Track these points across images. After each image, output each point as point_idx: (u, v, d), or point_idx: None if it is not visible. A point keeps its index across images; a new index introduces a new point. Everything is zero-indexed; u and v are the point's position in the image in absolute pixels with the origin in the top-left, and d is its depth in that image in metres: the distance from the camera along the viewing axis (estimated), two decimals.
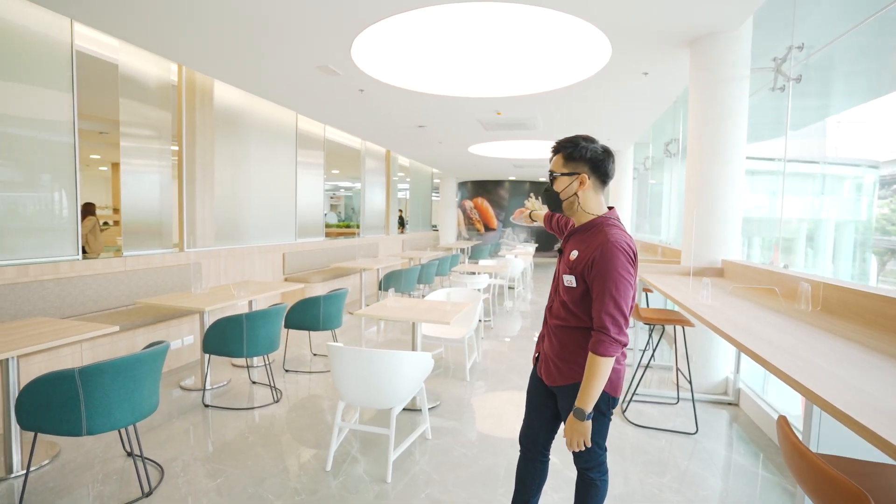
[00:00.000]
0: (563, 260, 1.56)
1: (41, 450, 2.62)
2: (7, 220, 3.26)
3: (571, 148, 1.52)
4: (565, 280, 1.52)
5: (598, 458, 1.62)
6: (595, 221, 1.53)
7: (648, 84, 4.71)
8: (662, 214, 7.17)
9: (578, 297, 1.49)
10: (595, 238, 1.47)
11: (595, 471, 1.63)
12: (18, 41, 3.26)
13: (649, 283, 3.14)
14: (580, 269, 1.47)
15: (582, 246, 1.50)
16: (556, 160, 1.55)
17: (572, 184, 1.52)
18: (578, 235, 1.56)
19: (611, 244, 1.41)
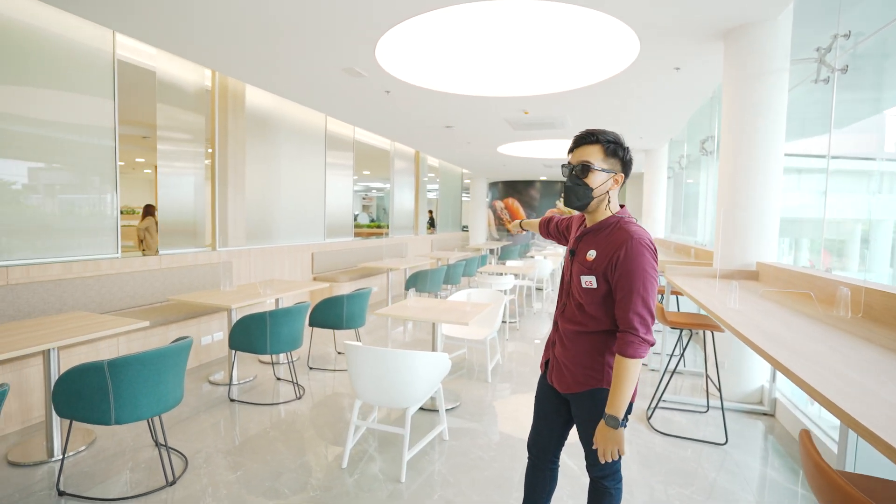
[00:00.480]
0: (578, 261, 1.48)
1: (79, 437, 2.76)
2: (53, 221, 3.48)
3: (616, 145, 1.43)
4: (583, 281, 1.44)
5: (614, 466, 1.56)
6: (611, 219, 1.46)
7: (681, 79, 4.53)
8: (699, 215, 6.89)
9: (600, 299, 1.42)
10: (615, 236, 1.41)
11: (610, 479, 1.57)
12: (66, 52, 3.47)
13: (677, 285, 3.01)
14: (602, 268, 1.40)
15: (601, 245, 1.43)
16: (593, 151, 1.42)
17: (608, 181, 1.43)
18: (593, 235, 1.48)
19: (635, 241, 1.36)
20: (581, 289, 1.46)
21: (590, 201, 1.44)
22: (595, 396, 1.47)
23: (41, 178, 3.45)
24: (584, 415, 1.52)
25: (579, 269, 1.47)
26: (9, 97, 3.21)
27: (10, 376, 2.86)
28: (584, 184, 1.42)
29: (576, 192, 1.43)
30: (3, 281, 3.10)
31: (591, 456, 1.53)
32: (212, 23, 3.42)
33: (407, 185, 9.75)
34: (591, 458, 1.54)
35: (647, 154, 8.81)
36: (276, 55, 4.05)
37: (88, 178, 3.69)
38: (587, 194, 1.43)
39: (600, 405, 1.44)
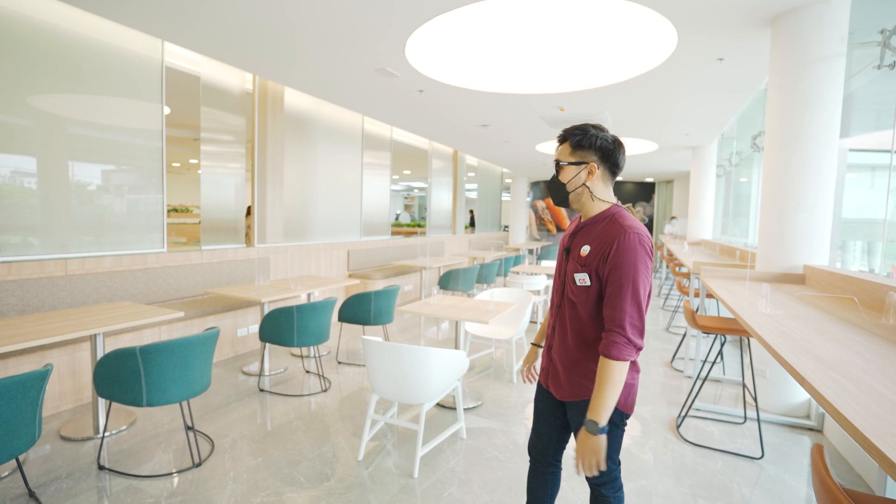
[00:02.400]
0: (573, 258, 1.43)
1: (122, 416, 2.97)
2: (107, 217, 3.75)
3: (580, 135, 1.41)
4: (577, 279, 1.39)
5: (612, 474, 1.49)
6: (606, 213, 1.42)
7: (725, 71, 4.28)
8: (750, 215, 6.50)
9: (594, 298, 1.37)
10: (609, 229, 1.36)
11: (608, 487, 1.51)
12: (121, 61, 3.74)
13: (710, 288, 2.85)
14: (594, 264, 1.35)
15: (594, 240, 1.38)
16: (563, 149, 1.45)
17: (580, 174, 1.42)
18: (587, 229, 1.44)
19: (628, 234, 1.31)
20: (575, 287, 1.41)
21: (567, 195, 1.45)
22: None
23: (96, 178, 3.74)
24: (578, 423, 1.45)
25: (573, 265, 1.42)
26: (72, 104, 3.49)
27: (64, 358, 3.12)
28: (558, 181, 1.45)
29: (553, 189, 1.48)
30: (62, 272, 3.38)
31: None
32: (252, 30, 3.58)
33: (445, 184, 9.78)
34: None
35: (693, 151, 8.39)
36: (310, 58, 4.18)
37: (139, 178, 3.96)
38: (562, 190, 1.45)
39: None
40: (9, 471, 2.34)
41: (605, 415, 1.28)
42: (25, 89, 3.23)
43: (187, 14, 3.34)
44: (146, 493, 2.21)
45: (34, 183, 3.34)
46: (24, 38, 3.19)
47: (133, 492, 2.22)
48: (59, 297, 3.32)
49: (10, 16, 3.12)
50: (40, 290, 3.22)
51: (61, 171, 3.49)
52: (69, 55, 3.44)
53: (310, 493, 2.23)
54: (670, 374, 4.09)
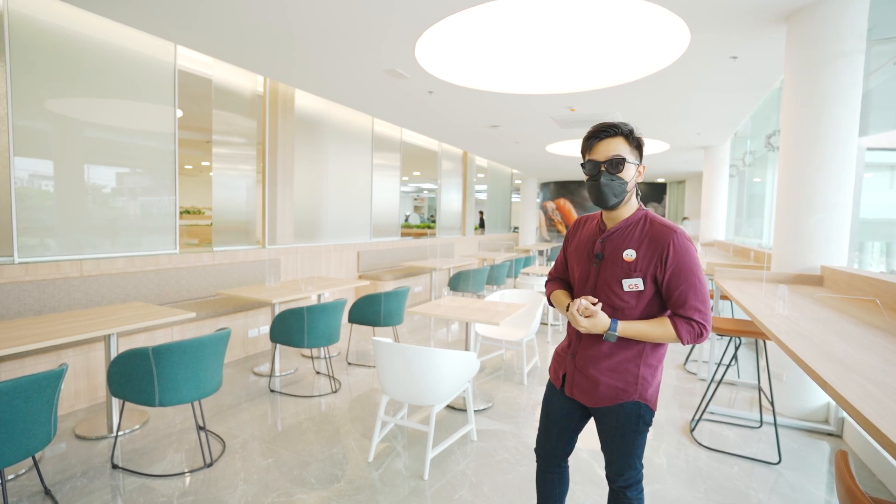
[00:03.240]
0: (613, 262, 1.38)
1: (135, 416, 3.00)
2: (121, 219, 3.80)
3: (635, 134, 1.38)
4: (626, 285, 1.35)
5: (637, 476, 1.50)
6: (638, 214, 1.41)
7: (739, 69, 4.22)
8: (765, 216, 6.39)
9: (646, 302, 1.36)
10: (654, 232, 1.35)
11: (632, 489, 1.50)
12: (134, 65, 3.79)
13: (725, 289, 2.80)
14: (650, 268, 1.34)
15: (638, 244, 1.36)
16: (619, 144, 1.35)
17: (635, 174, 1.38)
18: (621, 233, 1.40)
19: (678, 234, 1.33)
20: (622, 293, 1.37)
21: (625, 196, 1.37)
22: (625, 409, 1.42)
23: (110, 180, 3.79)
24: (610, 426, 1.46)
25: (616, 272, 1.37)
26: (88, 108, 3.55)
27: (79, 358, 3.16)
28: (619, 178, 1.35)
29: (613, 188, 1.35)
30: (78, 273, 3.42)
31: (614, 466, 1.49)
32: (263, 32, 3.60)
33: (454, 185, 9.78)
34: (615, 468, 1.49)
35: (706, 151, 8.28)
36: (321, 60, 4.20)
37: (152, 180, 4.00)
38: (623, 189, 1.36)
39: (631, 418, 1.41)
40: (25, 469, 2.37)
41: (627, 335, 1.35)
42: (43, 94, 3.29)
43: (200, 18, 3.38)
44: (158, 492, 2.23)
45: (51, 185, 3.39)
46: (42, 44, 3.25)
47: (146, 491, 2.23)
48: (74, 297, 3.36)
49: (29, 22, 3.17)
50: (56, 290, 3.27)
51: (77, 174, 3.54)
52: (85, 59, 3.49)
53: (320, 495, 2.22)
54: (683, 376, 4.03)
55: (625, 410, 1.41)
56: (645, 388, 1.41)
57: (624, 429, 1.43)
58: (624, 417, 1.41)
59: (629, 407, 1.41)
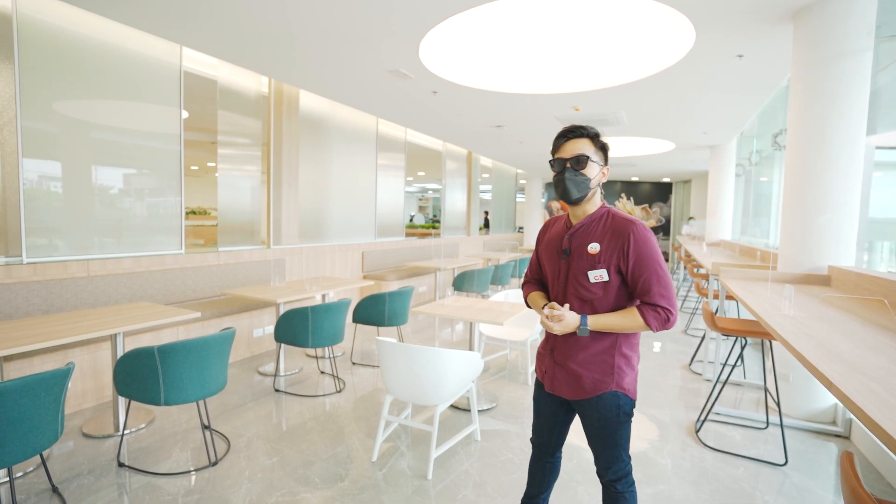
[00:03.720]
0: (579, 256, 1.47)
1: (141, 415, 3.02)
2: (127, 220, 3.83)
3: (600, 137, 1.48)
4: (592, 276, 1.44)
5: (625, 469, 1.54)
6: (601, 210, 1.51)
7: (745, 68, 4.18)
8: (771, 215, 6.34)
9: (613, 291, 1.44)
10: (615, 225, 1.45)
11: (622, 482, 1.54)
12: (141, 67, 3.82)
13: (730, 289, 2.78)
14: (613, 259, 1.42)
15: (600, 237, 1.45)
16: (584, 144, 1.46)
17: (598, 173, 1.48)
18: (585, 229, 1.49)
19: (637, 225, 1.42)
20: (589, 285, 1.45)
21: (588, 192, 1.46)
22: (604, 399, 1.48)
23: (117, 181, 3.82)
24: (594, 419, 1.51)
25: (582, 264, 1.46)
26: (95, 109, 3.58)
27: (86, 357, 3.19)
28: (583, 175, 1.45)
29: (577, 183, 1.45)
30: (85, 273, 3.45)
31: (601, 460, 1.55)
32: (268, 33, 3.62)
33: (459, 185, 9.77)
34: (602, 462, 1.55)
35: (712, 150, 8.23)
36: (325, 60, 4.21)
37: (158, 181, 4.03)
38: (587, 185, 1.45)
39: (611, 408, 1.46)
40: (33, 466, 2.39)
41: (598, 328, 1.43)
42: (51, 96, 3.32)
43: (204, 19, 3.39)
44: (164, 490, 2.24)
45: (59, 186, 3.42)
46: (49, 47, 3.28)
47: (151, 489, 2.25)
48: (81, 297, 3.39)
49: (37, 25, 3.20)
50: (64, 290, 3.30)
51: (84, 175, 3.57)
52: (92, 62, 3.52)
53: (324, 494, 2.23)
54: (689, 377, 4.01)
55: (604, 401, 1.47)
56: (622, 377, 1.48)
57: (605, 420, 1.48)
58: (604, 408, 1.47)
59: (608, 397, 1.47)
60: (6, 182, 3.13)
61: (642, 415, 3.20)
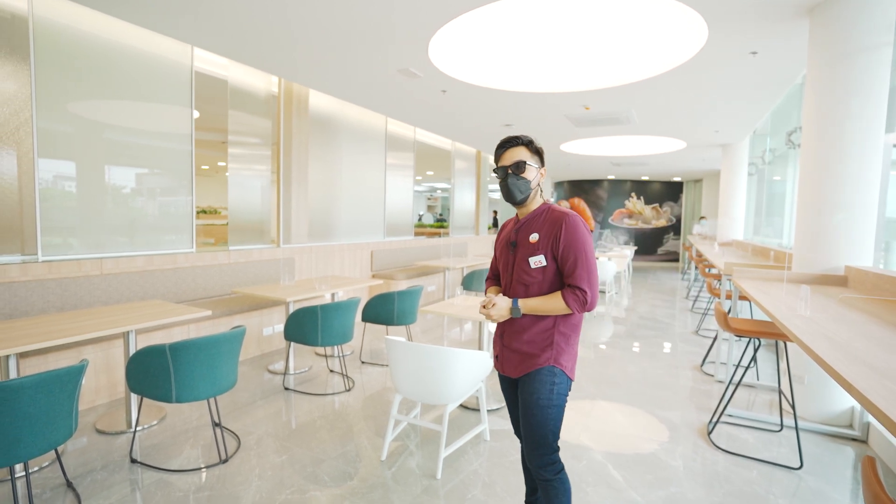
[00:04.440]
0: (523, 246, 1.64)
1: (153, 412, 3.05)
2: (139, 219, 3.87)
3: (534, 143, 1.65)
4: (532, 262, 1.60)
5: (552, 456, 1.60)
6: (542, 207, 1.67)
7: (759, 65, 4.13)
8: (785, 215, 6.25)
9: (550, 276, 1.59)
10: (551, 217, 1.61)
11: (549, 469, 1.59)
12: (153, 67, 3.85)
13: (743, 289, 2.74)
14: (547, 245, 1.58)
15: (539, 228, 1.62)
16: (521, 152, 1.63)
17: (537, 174, 1.66)
18: (528, 223, 1.66)
19: (571, 217, 1.57)
20: (530, 270, 1.61)
21: (530, 193, 1.64)
22: (541, 373, 1.59)
23: (130, 180, 3.86)
24: (528, 393, 1.60)
25: (525, 252, 1.63)
26: (108, 110, 3.62)
27: (99, 354, 3.22)
28: (523, 178, 1.62)
29: (518, 186, 1.62)
30: (98, 271, 3.50)
31: (529, 442, 1.61)
32: (278, 33, 3.64)
33: (468, 185, 9.76)
34: (529, 444, 1.61)
35: (724, 149, 8.13)
36: (335, 60, 4.22)
37: (170, 180, 4.07)
38: (528, 186, 1.63)
39: (546, 383, 1.58)
40: (48, 461, 2.43)
41: (529, 311, 1.59)
42: (66, 97, 3.36)
43: (216, 19, 3.42)
44: (175, 486, 2.26)
45: (73, 186, 3.47)
46: (64, 48, 3.32)
47: (163, 485, 2.27)
48: (94, 294, 3.43)
49: (52, 26, 3.25)
50: (78, 288, 3.34)
51: (98, 175, 3.61)
52: (105, 63, 3.57)
53: (333, 492, 2.23)
54: (700, 378, 3.96)
55: (540, 374, 1.59)
56: (559, 353, 1.60)
57: (538, 394, 1.57)
58: (539, 383, 1.59)
59: (544, 371, 1.59)
60: (22, 181, 3.17)
61: (652, 416, 3.17)
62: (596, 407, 3.32)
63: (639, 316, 6.59)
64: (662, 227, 14.57)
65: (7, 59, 3.07)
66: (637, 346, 4.97)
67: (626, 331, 5.68)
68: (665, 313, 6.84)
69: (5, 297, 2.97)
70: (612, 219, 14.72)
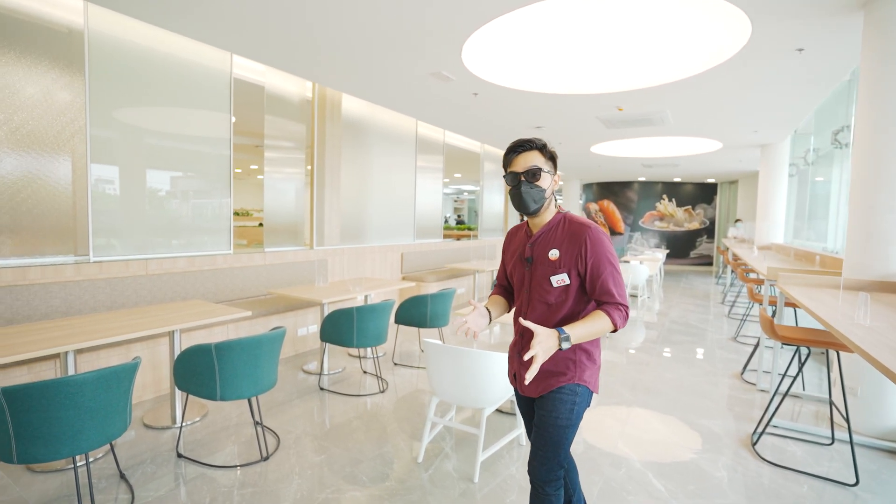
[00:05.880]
0: (542, 263, 1.52)
1: (196, 409, 3.15)
2: (181, 221, 4.01)
3: (548, 147, 1.52)
4: (554, 281, 1.49)
5: (557, 473, 1.54)
6: (557, 217, 1.55)
7: (805, 62, 3.97)
8: (830, 217, 5.99)
9: (574, 294, 1.50)
10: (571, 230, 1.50)
11: (552, 485, 1.53)
12: (194, 75, 3.99)
13: (791, 296, 2.64)
14: (571, 263, 1.47)
15: (559, 243, 1.51)
16: (535, 157, 1.50)
17: (551, 182, 1.53)
18: (545, 236, 1.54)
19: (594, 230, 1.47)
20: (551, 289, 1.50)
21: (544, 202, 1.51)
22: (563, 392, 1.50)
23: (175, 184, 4.00)
24: (546, 410, 1.51)
25: (545, 270, 1.51)
26: (150, 116, 3.77)
27: (146, 352, 3.35)
28: (537, 186, 1.49)
29: (532, 195, 1.49)
30: (144, 271, 3.63)
31: (539, 458, 1.53)
32: (315, 40, 3.71)
33: (496, 187, 9.73)
34: (538, 459, 1.53)
35: (762, 150, 7.86)
36: (368, 65, 4.28)
37: (209, 184, 4.20)
38: (542, 196, 1.50)
39: (567, 402, 1.49)
40: (102, 453, 2.53)
41: (577, 341, 1.40)
42: (112, 104, 3.51)
43: (255, 27, 3.51)
44: (219, 482, 2.32)
45: (120, 190, 3.62)
46: (113, 58, 3.48)
47: (208, 480, 2.34)
48: (140, 294, 3.57)
49: (104, 38, 3.40)
50: (125, 287, 3.48)
51: (142, 179, 3.76)
52: (149, 71, 3.71)
53: (372, 493, 2.26)
54: (740, 386, 3.83)
55: (561, 393, 1.50)
56: (583, 370, 1.52)
57: (558, 412, 1.49)
58: (560, 401, 1.50)
59: (566, 390, 1.50)
60: (76, 186, 3.33)
61: (692, 424, 3.08)
62: (632, 414, 3.25)
63: (671, 321, 6.43)
64: (695, 230, 14.17)
65: (64, 70, 3.23)
66: (672, 352, 4.84)
67: (660, 336, 5.55)
68: (699, 318, 6.65)
69: (61, 295, 3.12)
70: (642, 221, 14.42)
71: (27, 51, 3.05)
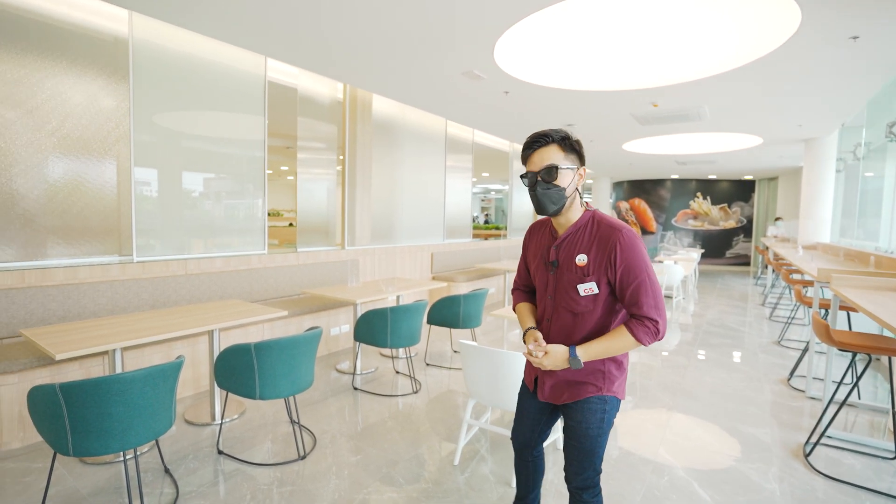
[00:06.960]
0: (567, 270, 1.42)
1: (234, 406, 3.21)
2: (218, 222, 4.10)
3: (569, 139, 1.39)
4: (581, 290, 1.40)
5: (595, 479, 1.50)
6: (585, 217, 1.44)
7: (859, 51, 3.75)
8: (882, 215, 5.66)
9: (603, 303, 1.40)
10: (601, 233, 1.39)
11: (590, 492, 1.50)
12: (229, 79, 4.08)
13: (848, 299, 2.49)
14: (602, 270, 1.37)
15: (587, 247, 1.40)
16: (553, 152, 1.37)
17: (574, 177, 1.40)
18: (572, 238, 1.43)
19: (623, 233, 1.36)
20: (578, 297, 1.41)
21: (564, 202, 1.39)
22: (591, 403, 1.46)
23: (211, 186, 4.10)
24: (576, 421, 1.47)
25: (571, 277, 1.41)
26: (187, 120, 3.87)
27: (187, 350, 3.44)
28: (555, 186, 1.37)
29: (550, 196, 1.38)
30: (183, 271, 3.73)
31: (574, 466, 1.50)
32: (348, 43, 3.74)
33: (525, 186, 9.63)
34: (574, 468, 1.51)
35: (807, 144, 7.50)
36: (399, 65, 4.28)
37: (244, 185, 4.29)
38: (562, 196, 1.38)
39: (597, 412, 1.44)
40: (148, 448, 2.61)
41: (590, 358, 1.38)
42: (152, 109, 3.62)
43: (290, 32, 3.56)
44: (259, 480, 2.35)
45: (160, 192, 3.73)
46: (155, 65, 3.58)
47: (248, 478, 2.37)
48: (180, 293, 3.67)
49: (147, 46, 3.51)
50: (166, 287, 3.58)
51: (178, 181, 3.86)
52: (187, 76, 3.81)
53: (409, 495, 2.24)
54: (787, 393, 3.65)
55: (590, 404, 1.45)
56: (612, 381, 1.46)
57: (588, 423, 1.45)
58: (589, 412, 1.45)
59: (594, 400, 1.45)
60: (121, 189, 3.45)
61: (737, 432, 2.95)
62: (673, 419, 3.14)
63: (708, 322, 6.21)
64: (731, 229, 13.69)
65: (110, 77, 3.34)
66: (710, 355, 4.67)
67: (696, 338, 5.36)
68: (737, 320, 6.40)
69: (108, 294, 3.24)
70: (675, 220, 14.02)
71: (76, 60, 3.18)
